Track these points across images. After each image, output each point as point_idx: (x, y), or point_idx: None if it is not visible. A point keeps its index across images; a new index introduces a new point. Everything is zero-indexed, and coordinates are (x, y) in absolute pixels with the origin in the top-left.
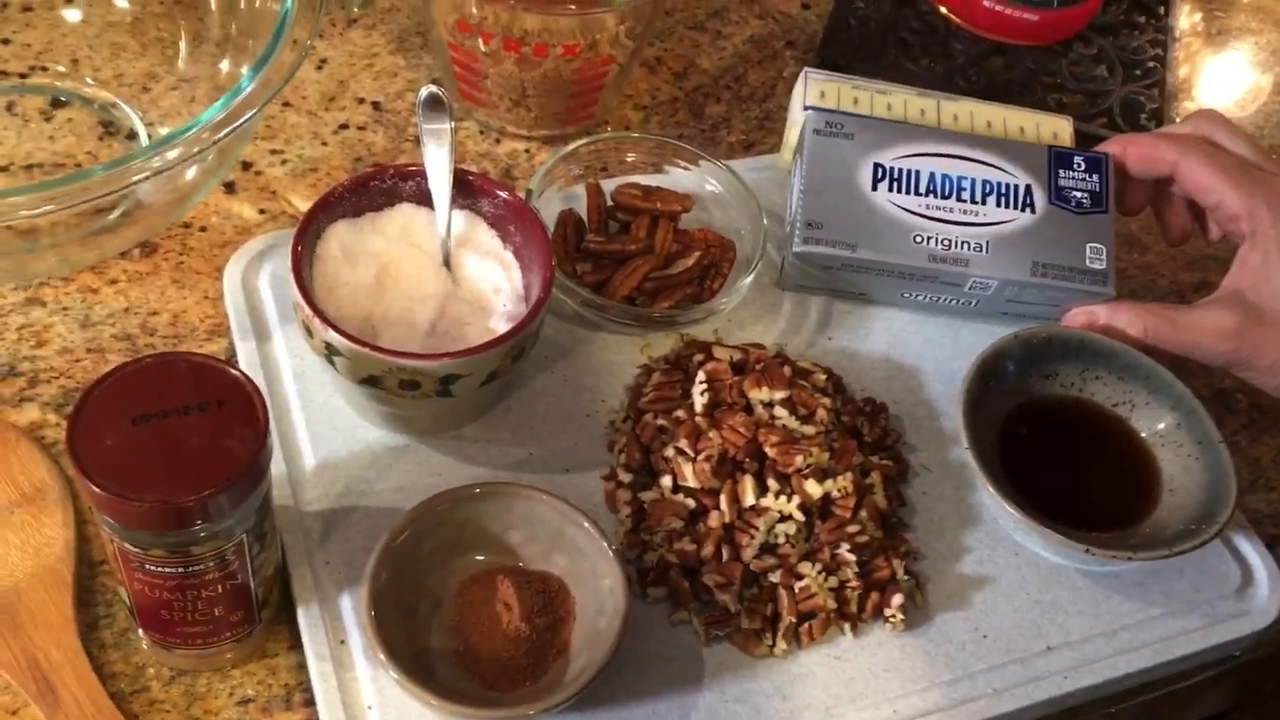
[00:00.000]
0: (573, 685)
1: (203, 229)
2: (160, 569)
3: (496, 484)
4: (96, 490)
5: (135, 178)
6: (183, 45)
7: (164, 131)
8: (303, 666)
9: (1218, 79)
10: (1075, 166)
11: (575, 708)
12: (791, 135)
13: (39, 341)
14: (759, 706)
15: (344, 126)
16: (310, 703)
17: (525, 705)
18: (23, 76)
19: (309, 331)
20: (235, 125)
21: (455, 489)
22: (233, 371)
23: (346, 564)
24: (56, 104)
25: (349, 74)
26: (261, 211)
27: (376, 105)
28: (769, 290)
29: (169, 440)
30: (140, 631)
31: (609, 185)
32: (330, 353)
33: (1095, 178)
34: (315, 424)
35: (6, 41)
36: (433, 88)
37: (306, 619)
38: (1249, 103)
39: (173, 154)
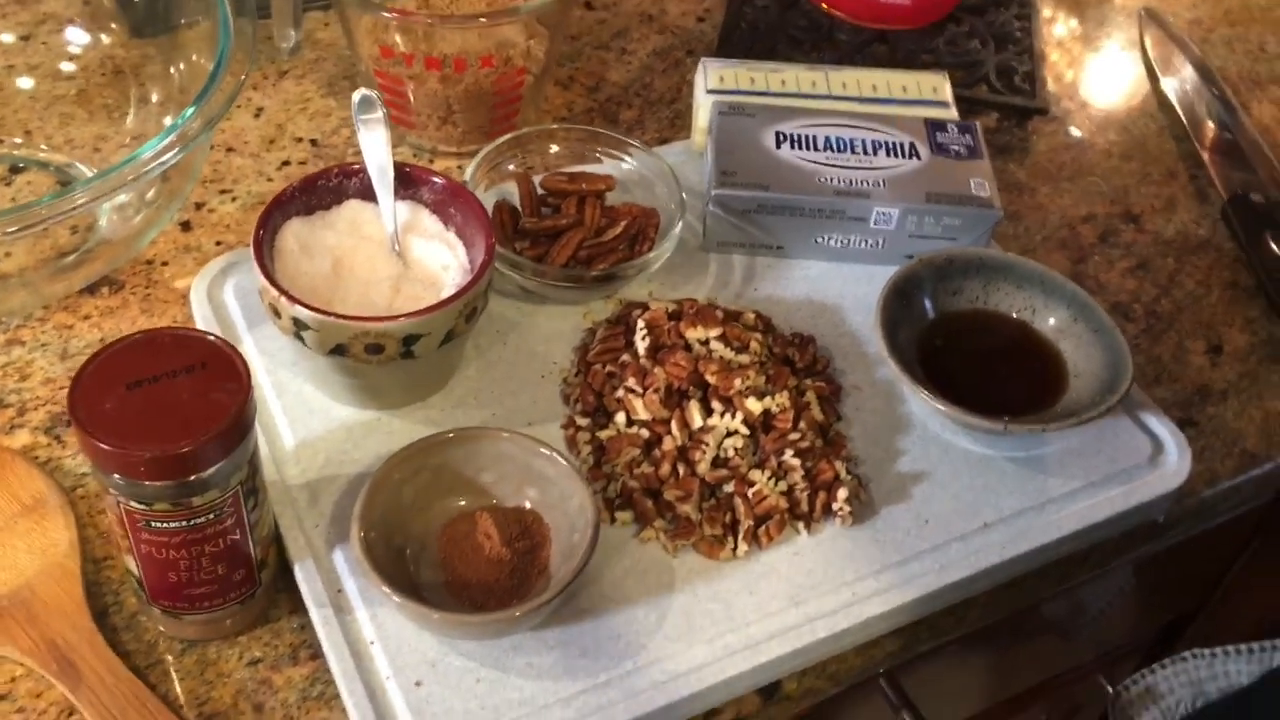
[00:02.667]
0: (555, 587)
1: (164, 264)
2: (165, 525)
3: (466, 429)
4: (102, 446)
5: (80, 202)
6: (131, 109)
7: None
8: (304, 627)
9: (1083, 42)
10: (949, 131)
11: (562, 619)
12: (699, 117)
13: (22, 376)
14: (729, 602)
15: (286, 163)
16: (315, 657)
17: (512, 608)
18: None
19: (276, 313)
20: (172, 154)
21: (428, 436)
22: (211, 338)
23: (334, 523)
24: (15, 170)
25: (285, 118)
26: (218, 243)
27: (314, 142)
28: (695, 254)
29: (162, 399)
30: (151, 606)
31: (536, 179)
32: (299, 328)
33: (967, 136)
34: (291, 409)
35: None
36: (364, 90)
37: (303, 572)
38: (1109, 60)
39: (114, 180)
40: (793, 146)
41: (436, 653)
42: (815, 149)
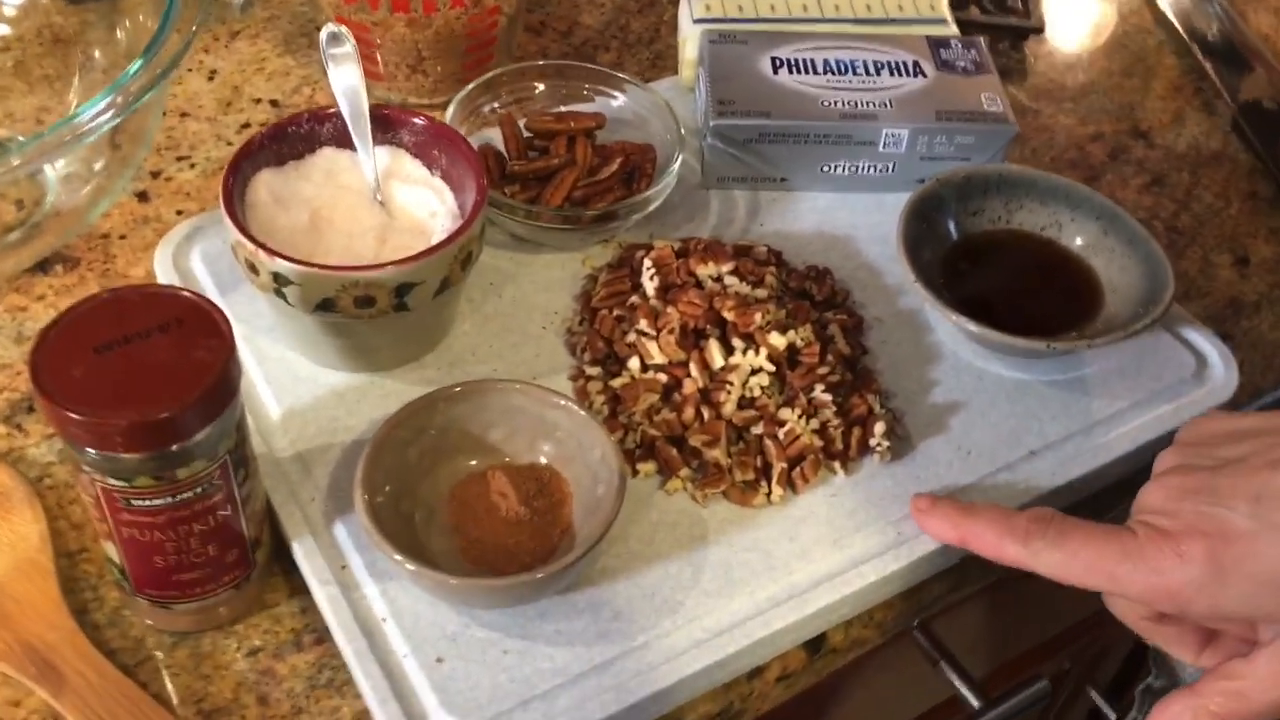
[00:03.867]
0: (583, 545)
1: (122, 237)
2: (147, 503)
3: (471, 382)
4: (72, 416)
5: (15, 164)
6: (75, 77)
7: None
8: (306, 610)
9: None
10: (953, 47)
11: (591, 580)
12: (686, 50)
13: None
14: (768, 551)
15: (246, 125)
16: (320, 641)
17: (535, 570)
18: None
19: (254, 269)
20: (111, 114)
21: (431, 392)
22: (185, 293)
23: (331, 496)
24: None
25: (241, 79)
26: (179, 212)
27: (274, 102)
28: (694, 192)
29: (136, 362)
30: (136, 598)
31: (521, 121)
32: (280, 284)
33: (973, 52)
34: (275, 377)
35: None
36: (332, 26)
37: (302, 549)
38: None
39: (51, 141)
40: (791, 71)
41: (457, 626)
42: (815, 72)
